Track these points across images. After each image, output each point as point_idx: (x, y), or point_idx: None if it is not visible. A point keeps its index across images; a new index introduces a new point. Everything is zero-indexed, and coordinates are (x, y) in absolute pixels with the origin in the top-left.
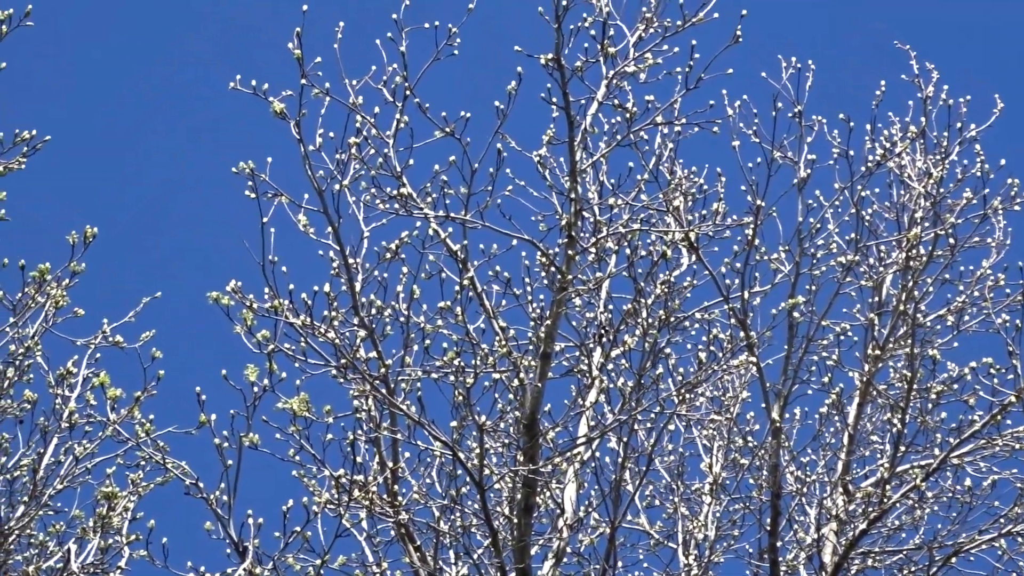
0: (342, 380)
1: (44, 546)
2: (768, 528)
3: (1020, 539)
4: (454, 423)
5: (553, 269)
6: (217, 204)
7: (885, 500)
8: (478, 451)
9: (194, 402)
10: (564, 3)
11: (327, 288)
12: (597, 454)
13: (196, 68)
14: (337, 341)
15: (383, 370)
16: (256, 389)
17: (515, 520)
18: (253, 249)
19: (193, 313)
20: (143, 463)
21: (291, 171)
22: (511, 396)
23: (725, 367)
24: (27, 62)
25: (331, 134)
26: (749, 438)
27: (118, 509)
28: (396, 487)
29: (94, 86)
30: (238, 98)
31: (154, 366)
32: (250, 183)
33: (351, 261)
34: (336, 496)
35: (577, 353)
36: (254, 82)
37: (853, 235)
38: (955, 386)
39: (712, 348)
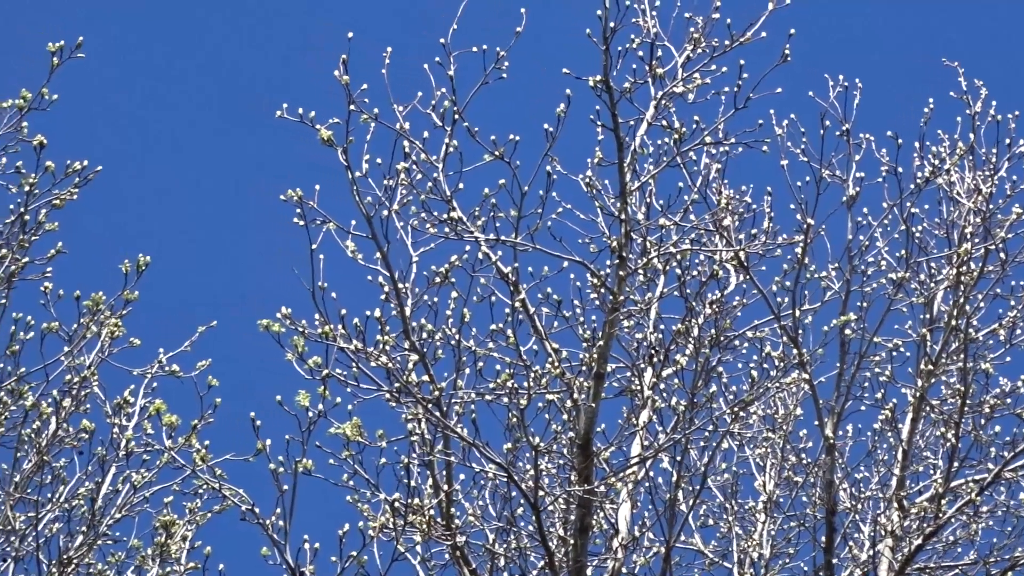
0: (395, 404)
1: (103, 575)
2: (823, 545)
3: None
4: (508, 445)
5: (604, 290)
6: (267, 232)
7: (940, 515)
8: (532, 472)
9: (249, 429)
10: (612, 25)
11: (378, 313)
12: (651, 474)
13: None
14: (389, 365)
15: (436, 393)
16: (310, 415)
17: (570, 541)
18: (303, 276)
19: (246, 341)
20: (200, 491)
21: (339, 198)
22: (564, 417)
23: (777, 385)
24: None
25: (379, 160)
26: (803, 455)
27: (176, 537)
28: (451, 510)
29: (143, 117)
30: (285, 126)
31: (210, 394)
32: (298, 210)
33: (401, 286)
34: (391, 520)
35: (629, 373)
36: (301, 110)
37: (903, 252)
38: (1008, 400)
39: (764, 366)
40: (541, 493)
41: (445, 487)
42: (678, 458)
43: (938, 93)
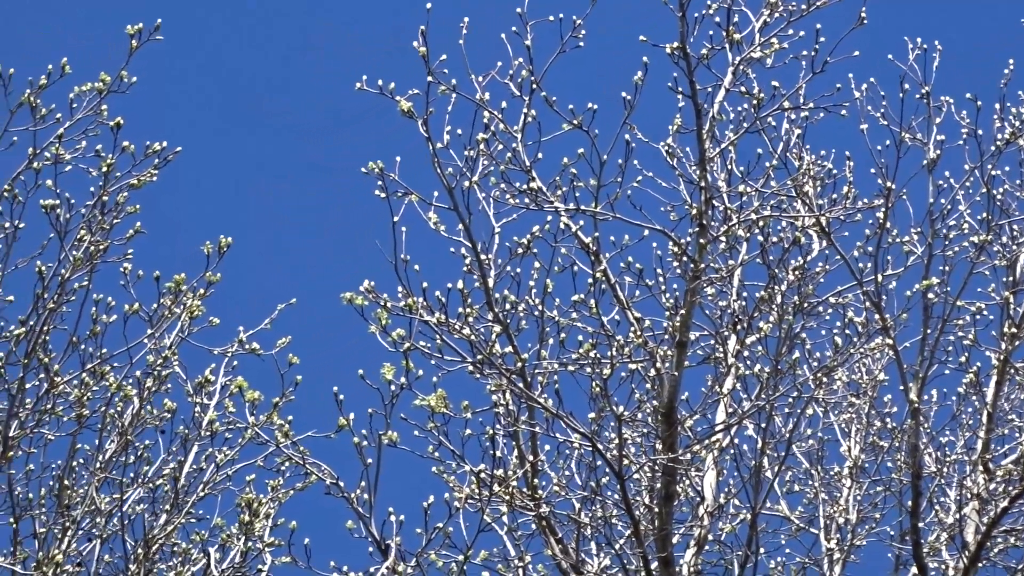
0: (479, 376)
1: (187, 554)
2: (909, 510)
3: None
4: (592, 415)
5: (685, 258)
6: (347, 205)
7: None
8: (617, 442)
9: (332, 404)
10: None
11: (460, 285)
12: (736, 441)
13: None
14: (472, 337)
15: (519, 364)
16: (393, 388)
17: (656, 509)
18: (385, 248)
19: (327, 315)
20: (283, 468)
21: (420, 169)
22: (648, 386)
23: (861, 351)
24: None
25: (459, 131)
26: (887, 420)
27: (260, 515)
28: (536, 480)
29: (220, 96)
30: (364, 98)
31: (291, 371)
32: (380, 183)
33: (483, 257)
34: (476, 491)
35: (712, 341)
36: (380, 81)
37: (985, 214)
38: None
39: (847, 332)
40: (626, 462)
41: (530, 457)
42: (763, 425)
43: (1018, 54)
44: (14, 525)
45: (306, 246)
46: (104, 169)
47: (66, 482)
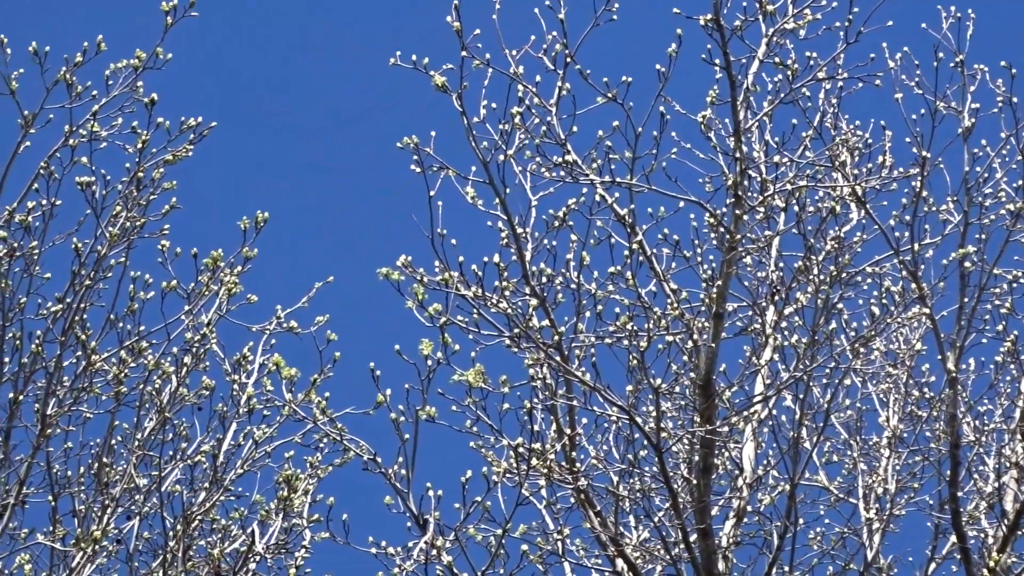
0: (516, 349)
1: (227, 530)
2: (948, 479)
3: None
4: (629, 387)
5: (722, 229)
6: (383, 181)
7: None
8: (655, 414)
9: (368, 383)
10: None
11: (497, 259)
12: (774, 412)
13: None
14: (509, 311)
15: (556, 338)
16: (430, 363)
17: (694, 481)
18: (421, 223)
19: (364, 291)
20: (321, 444)
21: (455, 144)
22: (685, 358)
23: (899, 320)
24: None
25: (493, 105)
26: (925, 390)
27: (299, 491)
28: (574, 454)
29: (255, 74)
30: (399, 75)
31: (329, 349)
32: (415, 157)
33: (520, 230)
34: (515, 465)
35: (750, 312)
36: (414, 57)
37: (1021, 182)
38: None
39: (885, 302)
40: (664, 435)
41: (568, 431)
42: (801, 396)
43: None
44: (53, 503)
45: (342, 222)
46: (139, 145)
47: (105, 460)
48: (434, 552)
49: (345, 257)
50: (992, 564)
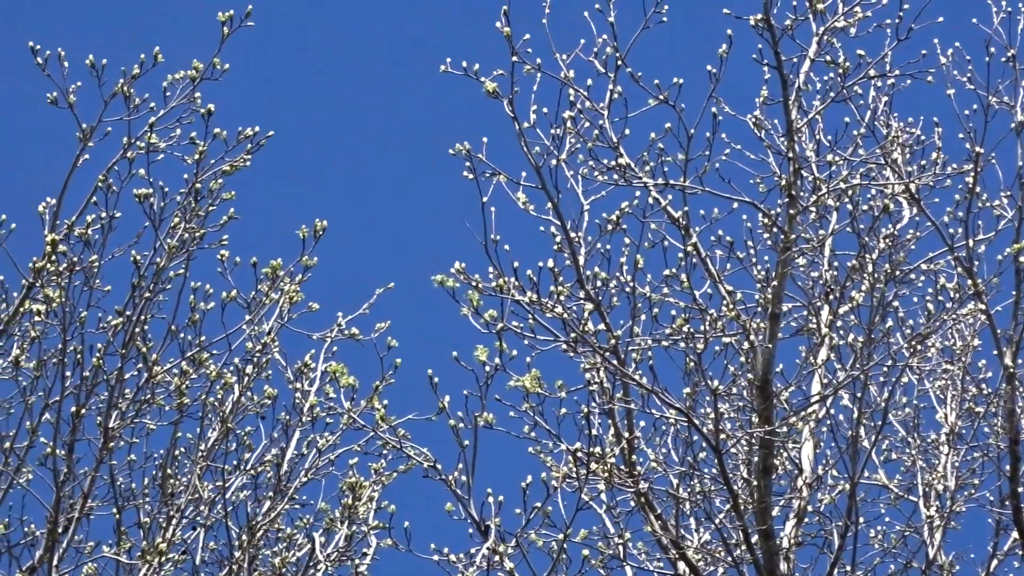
0: (572, 354)
1: (292, 539)
2: (1008, 475)
3: None
4: (687, 390)
5: (776, 230)
6: (436, 187)
7: None
8: (713, 416)
9: (427, 387)
10: None
11: (551, 263)
12: (832, 411)
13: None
14: (565, 316)
15: (612, 341)
16: (487, 369)
17: (754, 482)
18: (475, 229)
19: (421, 299)
20: (384, 451)
21: (506, 149)
22: (742, 359)
23: (954, 317)
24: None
25: (544, 110)
26: (983, 386)
27: (363, 499)
28: (633, 457)
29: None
30: (452, 81)
31: (390, 355)
32: (467, 164)
33: (573, 235)
34: (574, 470)
35: (805, 312)
36: (464, 63)
37: None
38: None
39: (940, 298)
40: (722, 436)
41: (626, 434)
42: (858, 395)
43: None
44: (118, 515)
45: (397, 229)
46: (197, 156)
47: (168, 471)
48: (496, 558)
49: (402, 263)
50: None
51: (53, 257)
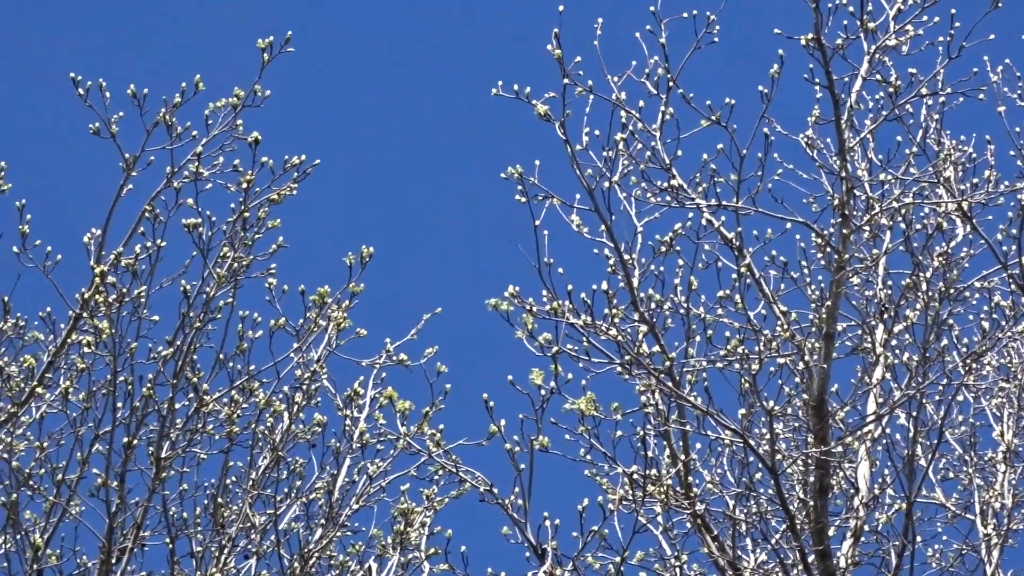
0: (627, 376)
1: (345, 566)
2: None
3: None
4: (742, 411)
5: (829, 249)
6: (487, 211)
7: None
8: (768, 437)
9: (481, 413)
10: None
11: (605, 286)
12: (887, 431)
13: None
14: (619, 338)
15: (667, 363)
16: (542, 392)
17: (811, 503)
18: (528, 252)
19: (472, 322)
20: (436, 477)
21: (558, 172)
22: (797, 379)
23: (1009, 334)
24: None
25: (596, 132)
26: None
27: (415, 525)
28: (689, 479)
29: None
30: (503, 105)
31: (440, 380)
32: (519, 187)
33: (627, 257)
34: (630, 492)
35: (860, 331)
36: (516, 87)
37: None
38: None
39: (995, 316)
40: (778, 457)
41: (682, 456)
42: (914, 413)
43: None
44: (171, 545)
45: (448, 253)
46: (243, 185)
47: (220, 500)
48: None
49: (452, 288)
50: None
51: (101, 288)
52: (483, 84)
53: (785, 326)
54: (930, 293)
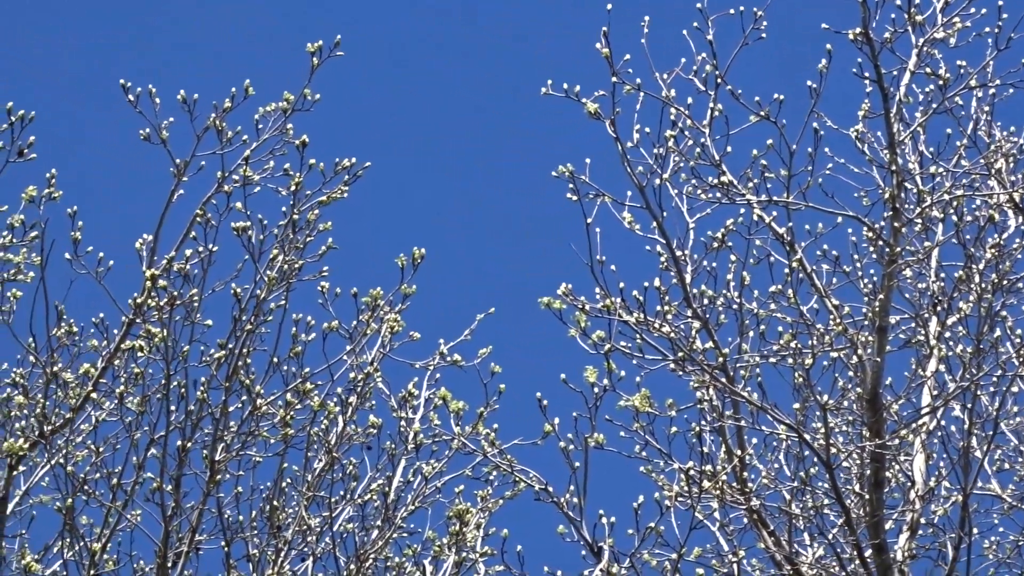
0: (681, 373)
1: (400, 567)
2: None
3: None
4: (797, 405)
5: (881, 243)
6: (539, 210)
7: None
8: (823, 431)
9: (534, 410)
10: None
11: (657, 282)
12: (942, 423)
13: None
14: (672, 334)
15: (721, 359)
16: (596, 390)
17: (866, 496)
18: (580, 250)
19: (525, 322)
20: (491, 477)
21: (608, 170)
22: (851, 373)
23: None
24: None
25: (647, 130)
26: None
27: (470, 525)
28: (745, 474)
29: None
30: (550, 102)
31: (494, 380)
32: (571, 185)
33: (678, 253)
34: (686, 489)
35: (913, 324)
36: (565, 85)
37: None
38: None
39: None
40: (833, 451)
41: (738, 452)
42: (968, 405)
43: None
44: (226, 548)
45: (500, 253)
46: (293, 188)
47: (276, 503)
48: None
49: (505, 288)
50: None
51: (153, 293)
52: (535, 82)
53: (838, 320)
54: (983, 285)
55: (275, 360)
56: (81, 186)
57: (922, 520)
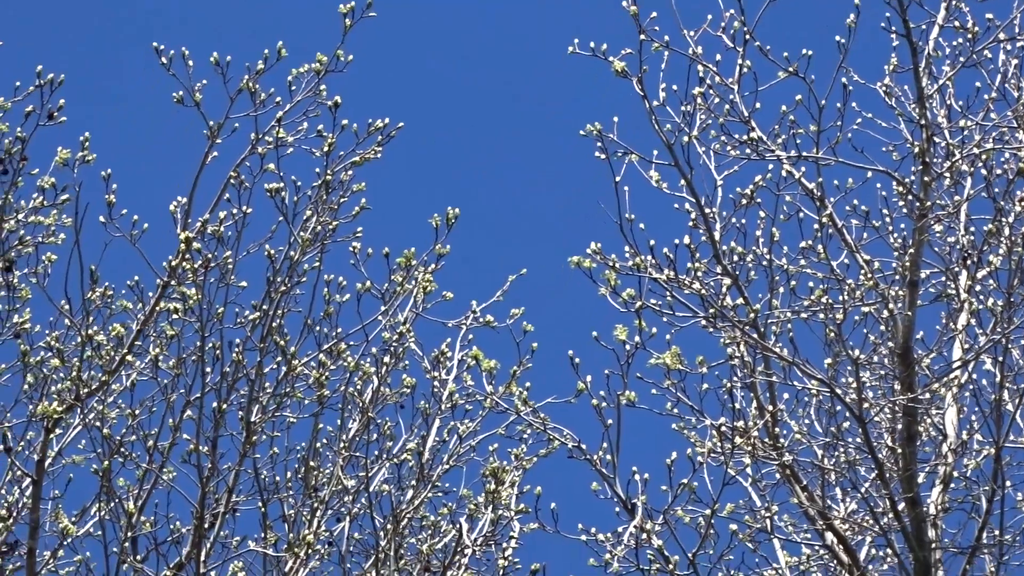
0: (712, 329)
1: (436, 526)
2: None
3: None
4: (828, 360)
5: (911, 197)
6: (567, 169)
7: None
8: (855, 385)
9: (566, 369)
10: None
11: (687, 240)
12: (974, 376)
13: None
14: (703, 291)
15: (751, 315)
16: (628, 348)
17: (899, 450)
18: (609, 209)
19: (556, 281)
20: (525, 435)
21: (635, 131)
22: (882, 328)
23: None
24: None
25: (674, 87)
26: None
27: (506, 484)
28: (777, 430)
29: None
30: (582, 62)
31: (526, 340)
32: (599, 144)
33: (708, 211)
34: (718, 445)
35: (943, 278)
36: (592, 44)
37: None
38: None
39: None
40: (865, 405)
41: (769, 407)
42: (1000, 358)
43: None
44: (263, 509)
45: (530, 213)
46: (326, 149)
47: (311, 463)
48: (644, 536)
49: (536, 248)
50: None
51: (188, 255)
52: (567, 39)
53: (868, 275)
54: (1013, 238)
55: (309, 321)
56: (115, 149)
57: (955, 473)
